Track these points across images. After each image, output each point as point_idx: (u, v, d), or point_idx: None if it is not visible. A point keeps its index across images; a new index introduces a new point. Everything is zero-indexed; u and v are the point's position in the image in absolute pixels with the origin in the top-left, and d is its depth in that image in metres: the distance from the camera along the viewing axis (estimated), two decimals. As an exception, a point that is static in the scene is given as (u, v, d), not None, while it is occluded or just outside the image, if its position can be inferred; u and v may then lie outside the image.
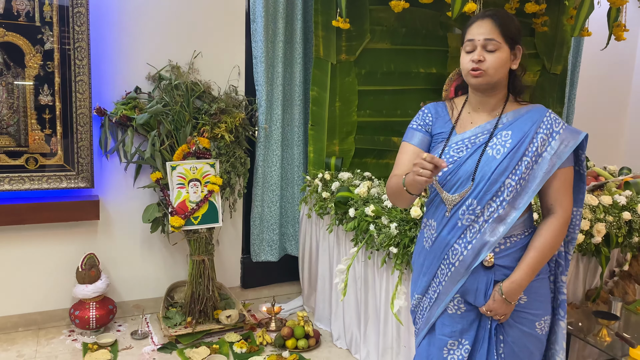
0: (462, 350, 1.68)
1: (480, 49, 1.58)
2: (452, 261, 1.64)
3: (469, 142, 1.65)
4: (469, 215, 1.62)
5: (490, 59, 1.57)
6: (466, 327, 1.68)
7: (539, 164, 1.58)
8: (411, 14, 3.49)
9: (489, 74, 1.58)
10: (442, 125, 1.73)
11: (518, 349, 1.66)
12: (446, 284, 1.66)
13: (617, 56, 4.93)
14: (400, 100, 3.65)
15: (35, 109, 2.92)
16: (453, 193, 1.64)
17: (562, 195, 1.61)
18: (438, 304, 1.70)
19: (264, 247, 3.57)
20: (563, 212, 1.61)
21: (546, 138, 1.59)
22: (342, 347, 3.05)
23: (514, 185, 1.58)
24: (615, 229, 2.63)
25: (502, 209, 1.59)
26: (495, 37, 1.57)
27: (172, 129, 3.11)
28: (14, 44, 2.83)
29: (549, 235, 1.60)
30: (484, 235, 1.59)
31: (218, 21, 3.33)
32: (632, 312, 2.76)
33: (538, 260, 1.59)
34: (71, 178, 3.03)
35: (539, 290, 1.65)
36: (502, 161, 1.58)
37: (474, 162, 1.61)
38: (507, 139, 1.60)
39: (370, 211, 2.59)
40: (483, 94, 1.65)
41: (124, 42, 3.12)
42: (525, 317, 1.64)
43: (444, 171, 1.64)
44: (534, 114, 1.63)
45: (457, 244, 1.63)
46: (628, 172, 3.46)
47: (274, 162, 3.49)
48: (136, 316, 3.32)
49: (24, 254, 3.06)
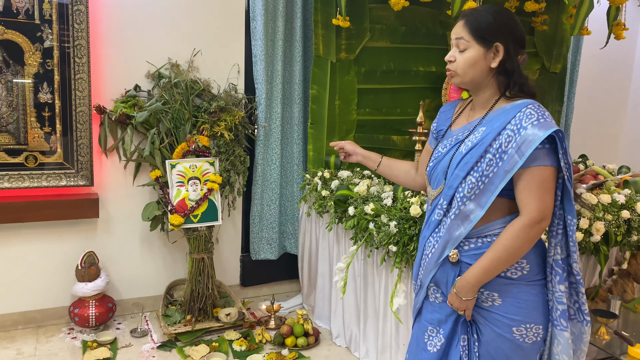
0: (436, 338, 1.72)
1: (454, 48, 1.61)
2: (427, 253, 1.71)
3: (455, 138, 1.67)
4: (439, 210, 1.66)
5: (459, 59, 1.60)
6: (443, 319, 1.70)
7: (504, 161, 1.51)
8: (411, 12, 3.49)
9: (458, 73, 1.60)
10: (443, 122, 1.80)
11: (493, 351, 1.62)
12: (424, 272, 1.72)
13: (616, 55, 4.94)
14: (400, 98, 3.65)
15: (35, 106, 2.91)
16: (434, 188, 1.70)
17: (527, 197, 1.50)
18: (421, 291, 1.76)
19: (263, 245, 3.58)
20: (525, 214, 1.51)
21: (512, 134, 1.50)
22: (342, 345, 3.05)
23: (475, 182, 1.54)
24: (614, 228, 2.63)
25: (464, 205, 1.56)
26: (464, 35, 1.58)
27: (172, 127, 3.10)
28: (14, 41, 2.83)
29: (505, 238, 1.52)
30: (449, 231, 1.61)
31: (218, 19, 3.33)
32: (631, 311, 2.76)
33: (492, 261, 1.53)
34: (71, 176, 3.03)
35: (518, 295, 1.58)
36: (464, 157, 1.57)
37: (449, 158, 1.64)
38: (478, 135, 1.58)
39: (370, 209, 2.59)
40: (472, 92, 1.67)
41: (123, 40, 3.12)
42: (497, 319, 1.60)
43: (429, 167, 1.72)
44: (512, 110, 1.55)
45: (432, 237, 1.69)
46: (627, 170, 3.47)
47: (274, 160, 3.49)
48: (136, 314, 3.32)
49: (24, 252, 3.07)
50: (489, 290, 1.60)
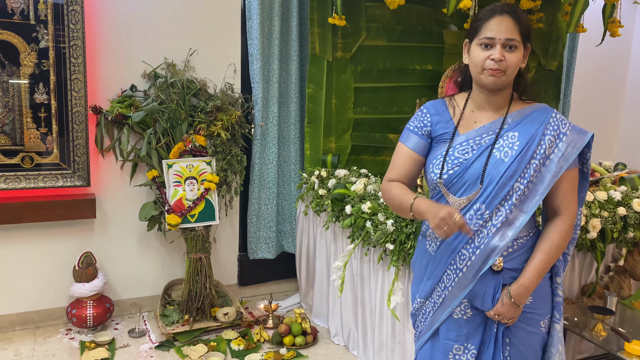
0: (468, 354, 1.65)
1: (500, 47, 1.52)
2: (460, 266, 1.60)
3: (474, 143, 1.60)
4: (477, 220, 1.57)
5: (510, 59, 1.53)
6: (472, 332, 1.64)
7: (547, 166, 1.55)
8: (407, 10, 3.49)
9: (508, 74, 1.54)
10: (444, 126, 1.67)
11: (524, 349, 1.65)
12: (453, 289, 1.62)
13: (612, 52, 4.94)
14: (396, 97, 3.65)
15: (31, 107, 2.91)
16: (460, 196, 1.59)
17: (569, 198, 1.59)
18: (443, 309, 1.66)
19: (260, 244, 3.58)
20: (570, 214, 1.59)
21: (553, 140, 1.56)
22: (340, 343, 3.06)
23: (523, 189, 1.55)
24: (611, 225, 2.64)
25: (511, 213, 1.56)
26: (516, 36, 1.53)
27: (168, 126, 3.10)
28: (9, 42, 2.82)
29: (556, 238, 1.58)
30: (492, 240, 1.56)
31: (214, 19, 3.33)
32: (628, 307, 2.77)
33: (546, 262, 1.57)
34: (67, 176, 3.03)
35: (542, 289, 1.64)
36: (511, 164, 1.54)
37: (481, 165, 1.56)
38: (514, 140, 1.56)
39: (367, 208, 2.60)
40: (490, 92, 1.60)
41: (119, 40, 3.11)
42: (531, 317, 1.63)
43: (450, 174, 1.60)
44: (539, 114, 1.59)
45: (465, 249, 1.59)
46: (623, 167, 3.47)
47: (271, 159, 3.49)
48: (133, 314, 3.32)
49: (21, 253, 3.06)
50: None
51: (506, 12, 1.54)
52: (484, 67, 1.54)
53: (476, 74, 1.58)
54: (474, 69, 1.58)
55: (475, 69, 1.58)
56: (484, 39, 1.54)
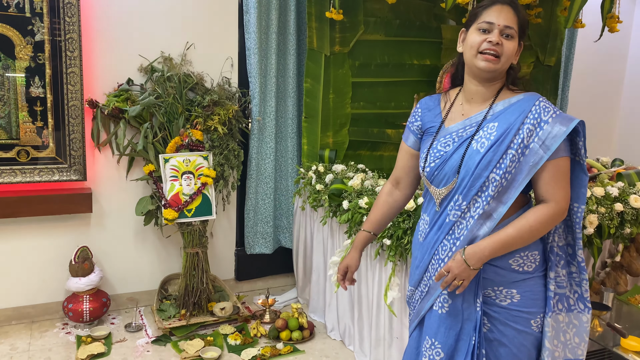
0: (433, 351, 1.65)
1: (497, 32, 1.53)
2: (442, 257, 1.62)
3: (457, 135, 1.61)
4: (455, 211, 1.59)
5: (507, 45, 1.53)
6: (443, 330, 1.63)
7: (526, 156, 1.51)
8: (405, 5, 3.48)
9: (502, 61, 1.54)
10: (432, 119, 1.70)
11: (516, 349, 1.61)
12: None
13: (610, 48, 4.94)
14: (394, 92, 3.64)
15: (27, 101, 2.89)
16: (440, 187, 1.62)
17: (553, 188, 1.52)
18: (427, 298, 1.69)
19: (258, 239, 3.57)
20: (555, 203, 1.52)
21: (533, 129, 1.50)
22: (336, 338, 3.06)
23: (499, 180, 1.52)
24: (608, 220, 2.64)
25: (487, 205, 1.54)
26: (514, 25, 1.54)
27: (165, 121, 3.09)
28: (4, 35, 2.80)
29: (532, 218, 1.52)
30: (471, 232, 1.56)
31: (211, 12, 3.31)
32: (624, 303, 2.78)
33: (512, 237, 1.51)
34: (63, 171, 3.02)
35: (533, 288, 1.60)
36: (485, 155, 1.53)
37: (459, 156, 1.57)
38: (492, 131, 1.54)
39: (364, 203, 2.59)
40: (481, 81, 1.59)
41: (115, 33, 3.09)
42: (519, 315, 1.60)
43: (432, 167, 1.62)
44: (523, 103, 1.55)
45: (446, 240, 1.61)
46: (620, 163, 3.47)
47: (268, 154, 3.48)
48: (130, 309, 3.31)
49: (17, 247, 3.05)
50: (507, 288, 1.59)
51: (507, 3, 1.56)
52: (479, 49, 1.54)
53: (470, 57, 1.57)
54: (469, 52, 1.57)
55: (470, 52, 1.57)
56: (484, 22, 1.54)
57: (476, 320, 1.59)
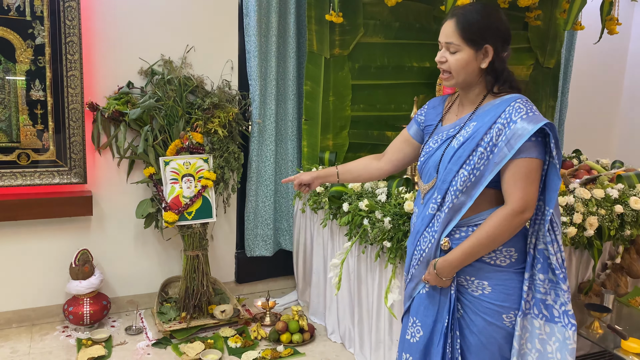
0: (414, 329, 1.76)
1: (444, 49, 1.64)
2: (423, 247, 1.72)
3: (445, 134, 1.70)
4: (432, 204, 1.68)
5: (451, 60, 1.63)
6: (423, 310, 1.73)
7: (494, 154, 1.56)
8: (404, 8, 3.48)
9: (454, 75, 1.63)
10: (433, 118, 1.82)
11: (486, 340, 1.65)
12: (419, 267, 1.74)
13: (609, 50, 4.95)
14: (394, 94, 3.65)
15: (27, 104, 2.90)
16: (426, 182, 1.73)
17: (511, 187, 1.55)
18: (411, 285, 1.79)
19: (258, 242, 3.57)
20: (509, 204, 1.55)
21: (502, 128, 1.55)
22: (337, 341, 3.06)
23: (467, 175, 1.59)
24: (608, 222, 2.64)
25: (456, 199, 1.61)
26: (454, 40, 1.60)
27: (165, 124, 3.09)
28: (5, 38, 2.81)
29: (488, 225, 1.57)
30: (442, 224, 1.65)
31: (211, 15, 3.31)
32: (624, 305, 2.78)
33: (473, 246, 1.59)
34: (64, 174, 3.02)
35: (506, 282, 1.63)
36: (457, 151, 1.62)
37: (440, 152, 1.67)
38: (469, 129, 1.63)
39: (364, 205, 2.59)
40: (462, 89, 1.70)
41: (116, 36, 3.10)
42: (488, 307, 1.64)
43: (421, 161, 1.75)
44: (501, 104, 1.60)
45: (426, 232, 1.71)
46: (620, 165, 3.48)
47: (268, 157, 3.48)
48: (130, 312, 3.31)
49: (17, 250, 3.05)
50: (478, 279, 1.65)
51: (453, 16, 1.63)
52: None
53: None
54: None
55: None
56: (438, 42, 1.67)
57: (449, 303, 1.67)
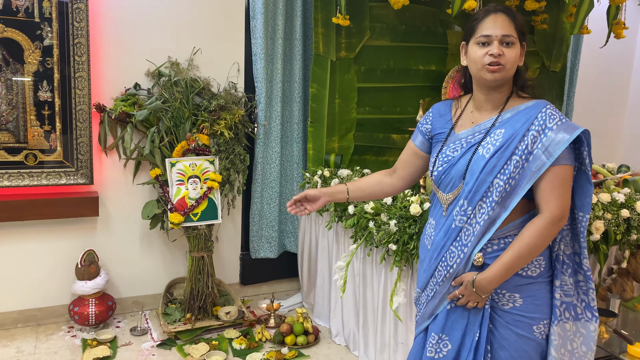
0: (441, 344, 1.68)
1: (497, 43, 1.55)
2: (450, 263, 1.64)
3: (465, 141, 1.64)
4: (461, 217, 1.61)
5: (509, 54, 1.55)
6: (450, 324, 1.67)
7: (530, 162, 1.53)
8: (411, 11, 3.49)
9: (507, 68, 1.56)
10: (442, 125, 1.73)
11: (517, 354, 1.61)
12: (444, 283, 1.66)
13: (616, 54, 4.94)
14: (400, 97, 3.65)
15: (35, 105, 2.91)
16: (447, 192, 1.65)
17: (549, 196, 1.52)
18: (433, 302, 1.70)
19: (263, 243, 3.58)
20: (548, 213, 1.53)
21: (537, 135, 1.52)
22: (341, 343, 3.06)
23: (503, 185, 1.54)
24: (614, 227, 2.64)
25: (492, 210, 1.55)
26: (512, 32, 1.56)
27: (172, 125, 3.10)
28: (13, 39, 2.83)
29: (527, 236, 1.53)
30: (477, 237, 1.58)
31: (217, 18, 3.33)
32: (630, 309, 2.77)
33: (513, 259, 1.54)
34: (70, 174, 3.03)
35: (537, 293, 1.60)
36: (490, 160, 1.55)
37: (465, 161, 1.60)
38: (499, 137, 1.57)
39: (370, 208, 2.59)
40: (489, 90, 1.62)
41: (123, 38, 3.11)
42: (520, 320, 1.60)
43: (439, 171, 1.66)
44: (530, 110, 1.57)
45: (454, 246, 1.63)
46: (627, 169, 3.47)
47: (273, 159, 3.49)
48: (135, 312, 3.32)
49: (24, 251, 3.06)
50: (510, 292, 1.60)
51: (500, 11, 1.58)
52: (483, 63, 1.56)
53: (476, 71, 1.60)
54: (474, 67, 1.60)
55: (474, 66, 1.59)
56: (481, 37, 1.56)
57: (482, 317, 1.62)
